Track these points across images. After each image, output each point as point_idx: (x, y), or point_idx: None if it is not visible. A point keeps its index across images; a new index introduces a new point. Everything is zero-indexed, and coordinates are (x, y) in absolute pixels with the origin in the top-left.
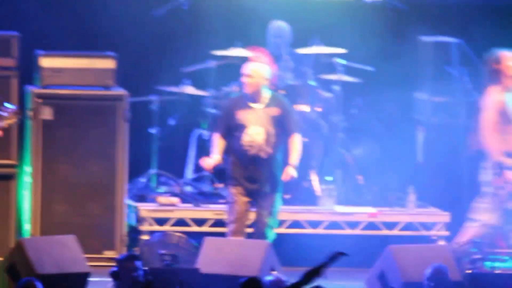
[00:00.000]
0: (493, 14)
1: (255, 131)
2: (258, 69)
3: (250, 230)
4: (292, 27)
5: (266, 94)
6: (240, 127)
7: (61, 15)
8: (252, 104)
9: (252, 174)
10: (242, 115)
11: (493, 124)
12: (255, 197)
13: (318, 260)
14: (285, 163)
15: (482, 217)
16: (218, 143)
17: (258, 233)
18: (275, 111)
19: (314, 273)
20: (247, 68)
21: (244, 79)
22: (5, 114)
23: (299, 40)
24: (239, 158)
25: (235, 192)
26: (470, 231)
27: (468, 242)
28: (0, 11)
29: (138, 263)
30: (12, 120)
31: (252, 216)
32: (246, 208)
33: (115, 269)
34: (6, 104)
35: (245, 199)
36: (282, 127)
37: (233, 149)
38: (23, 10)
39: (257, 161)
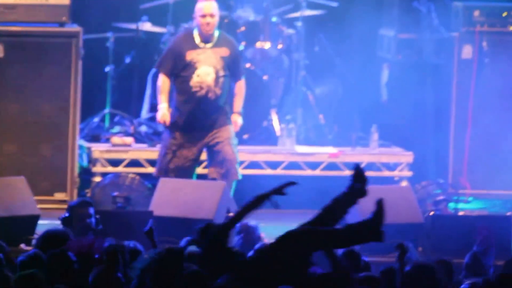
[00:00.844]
0: None
1: (205, 71)
2: (216, 7)
3: (221, 171)
4: None
5: (215, 33)
6: (190, 67)
7: None
8: (202, 44)
9: (199, 118)
10: (192, 55)
11: None
12: (208, 141)
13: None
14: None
15: None
16: (164, 88)
17: (228, 172)
18: (224, 51)
19: (262, 198)
20: (209, 7)
21: (206, 19)
22: None
23: None
24: (185, 100)
25: (174, 143)
26: None
27: (431, 183)
28: None
29: (91, 210)
30: None
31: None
32: (185, 162)
33: (66, 214)
34: None
35: (186, 152)
36: (229, 68)
37: (179, 90)
38: None
39: (205, 102)
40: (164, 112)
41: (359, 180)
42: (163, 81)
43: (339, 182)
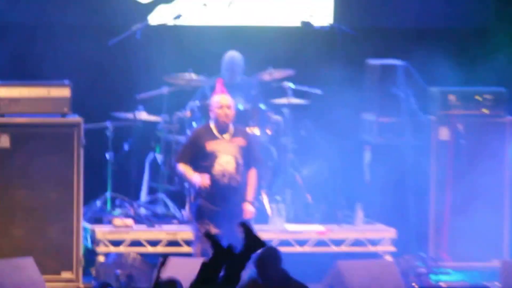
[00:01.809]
0: (435, 38)
1: (226, 160)
2: (232, 100)
3: None
4: (242, 54)
5: (231, 125)
6: (210, 157)
7: (21, 45)
8: (219, 135)
9: (221, 204)
10: (212, 145)
11: None
12: (226, 222)
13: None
14: None
15: None
16: (187, 167)
17: None
18: (241, 141)
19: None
20: (226, 100)
21: (224, 110)
22: None
23: (249, 65)
24: (209, 188)
25: (199, 228)
26: None
27: (413, 257)
28: None
29: None
30: None
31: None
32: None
33: None
34: None
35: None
36: (245, 158)
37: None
38: None
39: (228, 190)
40: (201, 176)
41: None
42: (184, 165)
43: (327, 258)
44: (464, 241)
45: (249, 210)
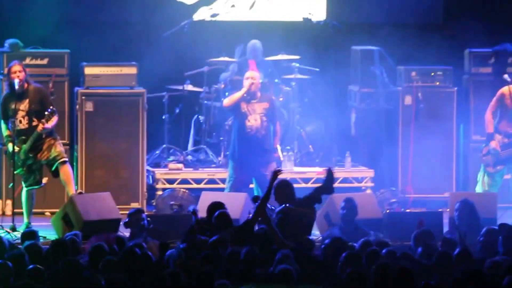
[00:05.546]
0: (405, 29)
1: (254, 118)
2: (258, 75)
3: None
4: (261, 41)
5: (258, 92)
6: (243, 115)
7: (101, 37)
8: (251, 99)
9: (251, 151)
10: (244, 107)
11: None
12: (255, 167)
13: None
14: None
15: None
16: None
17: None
18: (265, 104)
19: (265, 199)
20: (254, 74)
21: (251, 80)
22: (47, 113)
23: (266, 50)
24: (240, 138)
25: (234, 169)
26: None
27: (386, 191)
28: (55, 35)
29: (143, 215)
30: (51, 120)
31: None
32: (240, 181)
33: (126, 220)
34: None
35: (241, 175)
36: (268, 116)
37: (236, 130)
38: (72, 32)
39: (256, 140)
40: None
41: (329, 180)
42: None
43: None
44: (424, 179)
45: (274, 154)
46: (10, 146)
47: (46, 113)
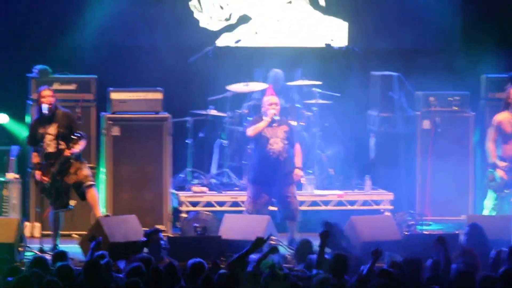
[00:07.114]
0: (422, 55)
1: (275, 141)
2: (278, 100)
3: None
4: (283, 67)
5: (277, 117)
6: (264, 139)
7: (127, 62)
8: (272, 123)
9: (272, 174)
10: (265, 131)
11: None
12: (276, 190)
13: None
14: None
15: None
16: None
17: (292, 213)
18: (285, 128)
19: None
20: (274, 99)
21: (275, 107)
22: (75, 137)
23: (288, 75)
24: (262, 161)
25: (254, 192)
26: None
27: (405, 213)
28: (82, 62)
29: (160, 235)
30: (78, 144)
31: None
32: (260, 204)
33: (144, 239)
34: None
35: (261, 198)
36: (289, 138)
37: (258, 154)
38: (99, 57)
39: (277, 163)
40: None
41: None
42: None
43: (344, 214)
44: (441, 202)
45: (298, 174)
46: (37, 174)
47: (73, 137)
